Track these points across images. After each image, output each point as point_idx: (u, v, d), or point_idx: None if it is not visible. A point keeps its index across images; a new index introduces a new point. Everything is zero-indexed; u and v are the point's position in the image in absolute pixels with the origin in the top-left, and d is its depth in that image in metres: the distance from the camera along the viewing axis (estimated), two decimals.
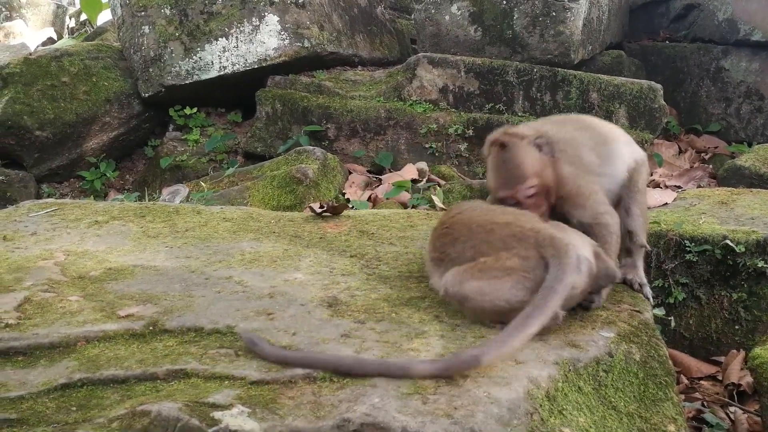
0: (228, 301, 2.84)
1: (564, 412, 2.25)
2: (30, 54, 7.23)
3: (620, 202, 3.12)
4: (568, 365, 2.38)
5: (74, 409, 2.19)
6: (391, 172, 6.36)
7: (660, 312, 3.70)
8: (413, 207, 5.37)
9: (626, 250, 3.14)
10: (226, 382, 2.27)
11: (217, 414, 2.07)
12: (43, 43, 11.01)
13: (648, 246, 3.25)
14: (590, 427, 2.27)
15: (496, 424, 2.01)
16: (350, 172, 6.34)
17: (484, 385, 2.17)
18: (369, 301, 2.86)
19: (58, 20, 13.50)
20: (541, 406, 2.18)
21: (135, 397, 2.22)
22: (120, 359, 2.44)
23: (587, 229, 2.92)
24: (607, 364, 2.48)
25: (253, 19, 6.71)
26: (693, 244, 3.93)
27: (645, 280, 3.09)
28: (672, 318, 3.90)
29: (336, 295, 2.91)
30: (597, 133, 3.17)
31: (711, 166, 6.75)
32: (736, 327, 3.91)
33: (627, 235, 3.11)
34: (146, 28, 6.85)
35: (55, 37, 12.22)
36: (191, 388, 2.25)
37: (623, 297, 2.91)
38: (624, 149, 3.18)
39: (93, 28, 10.54)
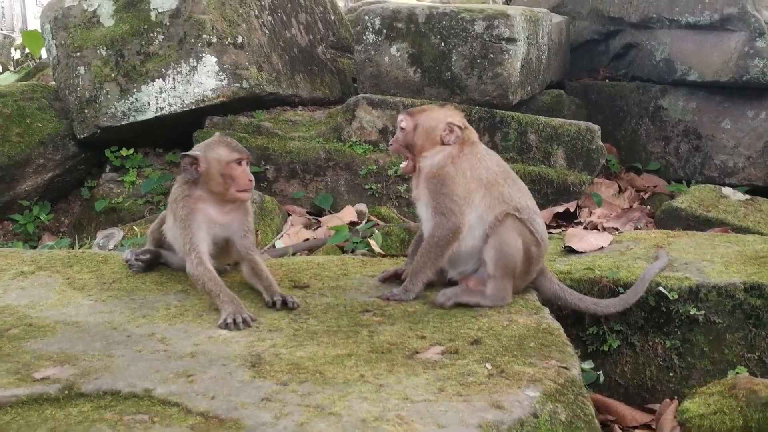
0: (148, 362, 2.76)
1: None
2: None
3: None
4: (491, 428, 2.33)
5: None
6: (330, 213, 6.31)
7: (588, 365, 3.69)
8: (351, 251, 5.32)
9: None
10: None
11: None
12: None
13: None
14: None
15: None
16: (289, 214, 6.27)
17: None
18: (294, 360, 2.80)
19: (4, 51, 13.31)
20: None
21: None
22: (31, 426, 2.36)
23: None
24: (531, 426, 2.44)
25: (191, 59, 6.63)
26: (627, 290, 3.92)
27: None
28: (600, 373, 3.88)
29: (260, 353, 2.85)
30: None
31: (649, 207, 6.79)
32: (671, 374, 3.91)
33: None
34: (81, 69, 6.74)
35: (0, 69, 12.04)
36: None
37: (551, 352, 2.87)
38: None
39: (36, 61, 10.40)
